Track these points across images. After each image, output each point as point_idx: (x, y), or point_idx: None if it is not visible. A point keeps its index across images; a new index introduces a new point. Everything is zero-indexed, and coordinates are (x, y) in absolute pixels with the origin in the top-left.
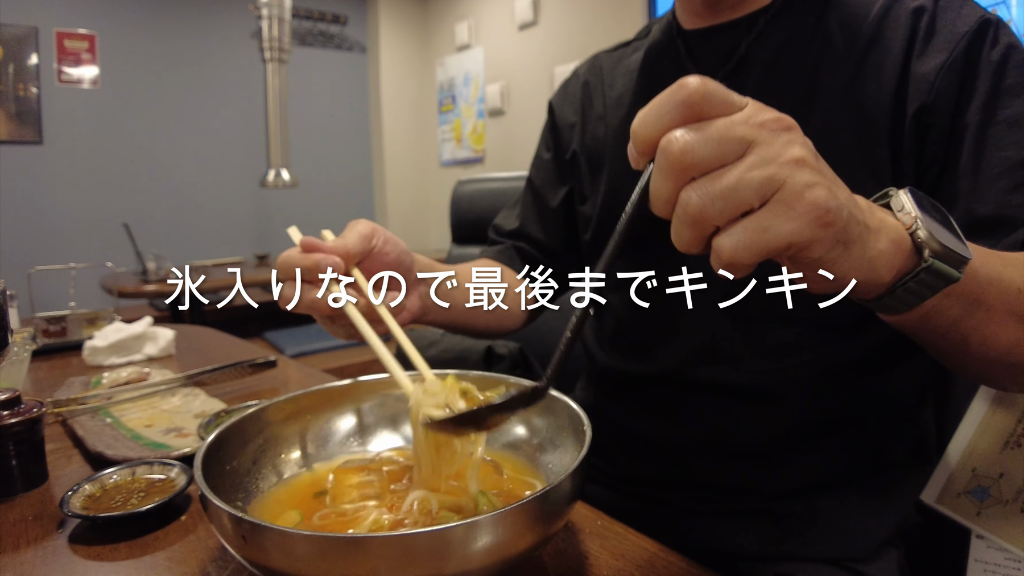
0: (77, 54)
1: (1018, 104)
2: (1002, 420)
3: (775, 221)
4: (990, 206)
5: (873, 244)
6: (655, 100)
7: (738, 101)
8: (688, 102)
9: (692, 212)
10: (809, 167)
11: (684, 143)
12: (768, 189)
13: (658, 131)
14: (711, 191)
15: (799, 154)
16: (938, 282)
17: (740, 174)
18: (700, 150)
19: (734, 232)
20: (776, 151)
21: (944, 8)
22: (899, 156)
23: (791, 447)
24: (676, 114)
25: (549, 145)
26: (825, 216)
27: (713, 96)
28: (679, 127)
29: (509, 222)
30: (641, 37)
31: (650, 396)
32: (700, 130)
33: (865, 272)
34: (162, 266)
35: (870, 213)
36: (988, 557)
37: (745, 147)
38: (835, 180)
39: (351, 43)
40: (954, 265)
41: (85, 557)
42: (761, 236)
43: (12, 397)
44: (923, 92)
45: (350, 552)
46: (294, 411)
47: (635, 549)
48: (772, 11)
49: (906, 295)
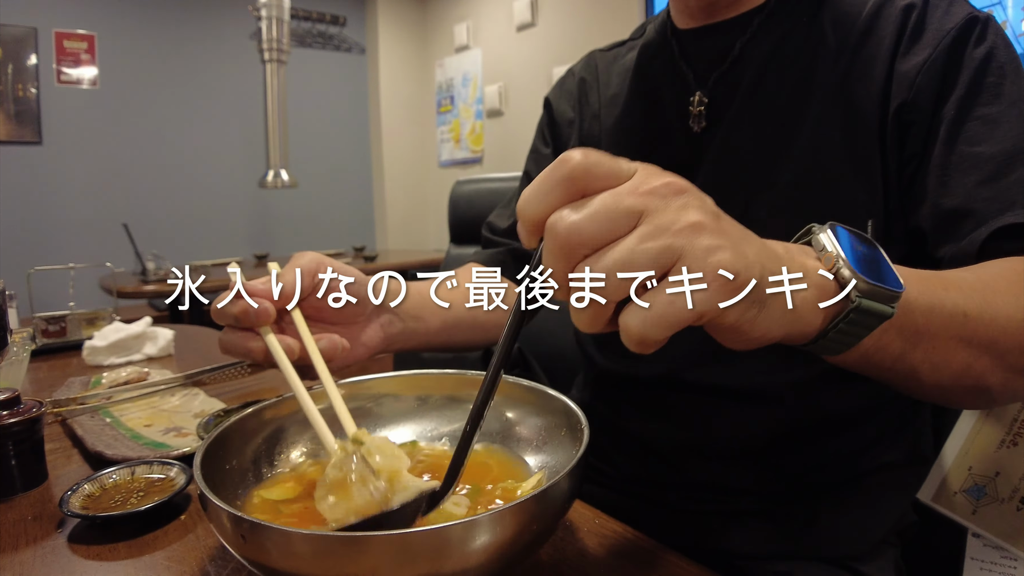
0: (76, 54)
1: (997, 104)
2: (998, 419)
3: (679, 292)
4: (957, 199)
5: (795, 293)
6: (538, 178)
7: (626, 170)
8: (571, 177)
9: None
10: (708, 231)
11: (570, 222)
12: (667, 259)
13: (543, 210)
14: (604, 267)
15: (695, 219)
16: (871, 320)
17: (632, 246)
18: (587, 227)
19: (639, 309)
20: (670, 218)
21: (934, 6)
22: (886, 154)
23: (787, 448)
24: (560, 191)
25: (547, 140)
26: (735, 280)
27: (596, 168)
28: (564, 204)
29: (503, 220)
30: (636, 36)
31: (646, 398)
32: (585, 207)
33: (788, 324)
34: (161, 266)
35: (789, 260)
36: (984, 555)
37: (636, 218)
38: (742, 237)
39: (350, 44)
40: (885, 301)
41: (84, 557)
42: (669, 310)
43: (11, 397)
44: (904, 89)
45: (349, 551)
46: (293, 411)
47: (633, 548)
48: (766, 11)
49: (840, 336)
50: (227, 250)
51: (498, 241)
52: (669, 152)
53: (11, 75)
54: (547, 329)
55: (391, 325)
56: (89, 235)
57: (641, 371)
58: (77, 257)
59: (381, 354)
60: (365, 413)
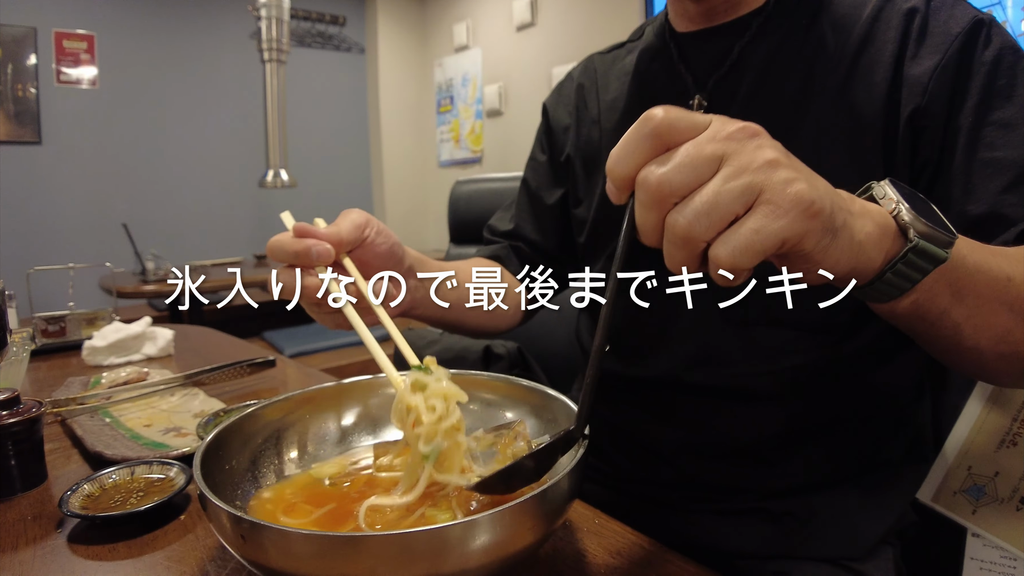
0: (76, 54)
1: (1009, 107)
2: (997, 419)
3: (765, 222)
4: (983, 206)
5: (860, 228)
6: (625, 137)
7: (702, 120)
8: (655, 133)
9: (680, 234)
10: (783, 166)
11: (660, 175)
12: (749, 195)
13: (633, 167)
14: (695, 210)
15: (771, 156)
16: (926, 263)
17: (718, 187)
18: (675, 178)
19: (728, 240)
20: (748, 158)
21: (936, 9)
22: (892, 159)
23: (786, 447)
24: (647, 147)
25: (544, 147)
26: (811, 207)
27: (678, 123)
28: (651, 159)
29: (504, 223)
30: (635, 39)
31: (646, 398)
32: (672, 159)
33: (855, 257)
34: (161, 266)
35: (851, 201)
36: (984, 555)
37: (717, 163)
38: (811, 174)
39: (350, 44)
40: (940, 245)
41: (84, 557)
42: (755, 238)
43: (11, 397)
44: (916, 95)
45: (349, 551)
46: (293, 411)
47: (632, 547)
48: (764, 14)
49: (896, 279)
50: (227, 250)
51: (500, 242)
52: None
53: (10, 75)
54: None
55: (416, 290)
56: (89, 235)
57: (641, 371)
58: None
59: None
60: (366, 412)
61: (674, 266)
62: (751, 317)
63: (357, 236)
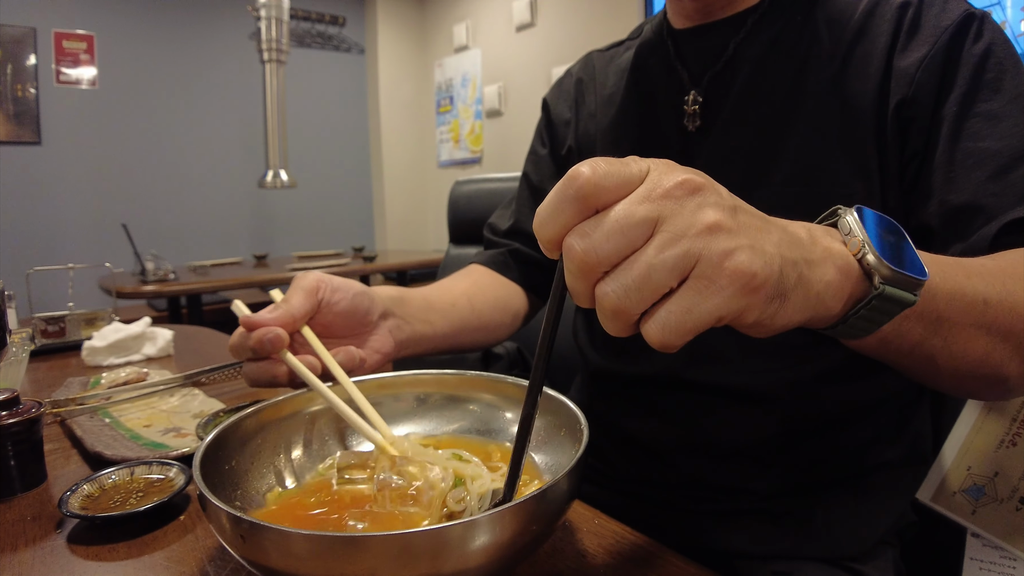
0: (75, 55)
1: (997, 99)
2: (997, 419)
3: (698, 300)
4: (965, 195)
5: (819, 278)
6: (549, 197)
7: (636, 174)
8: (580, 195)
9: (609, 307)
10: (724, 231)
11: (584, 244)
12: (685, 265)
13: (558, 231)
14: (624, 284)
15: (711, 219)
16: (893, 307)
17: (650, 259)
18: (603, 247)
19: (658, 317)
20: (685, 222)
21: (930, 3)
22: (884, 151)
23: (785, 447)
24: (573, 210)
25: (545, 141)
26: (751, 282)
27: (604, 181)
28: (578, 221)
29: (504, 220)
30: (634, 37)
31: (644, 397)
32: (600, 225)
33: (811, 310)
34: (161, 266)
35: (811, 245)
36: (984, 555)
37: (651, 226)
38: (761, 228)
39: (349, 44)
40: (908, 288)
41: (84, 557)
42: (688, 317)
43: (10, 397)
44: (904, 86)
45: (348, 551)
46: (293, 411)
47: (632, 547)
48: (760, 10)
49: (860, 322)
50: (226, 250)
51: (499, 242)
52: (663, 151)
53: (10, 75)
54: None
55: (399, 330)
56: (88, 235)
57: (639, 370)
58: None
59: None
60: None
61: (611, 331)
62: None
63: (311, 304)
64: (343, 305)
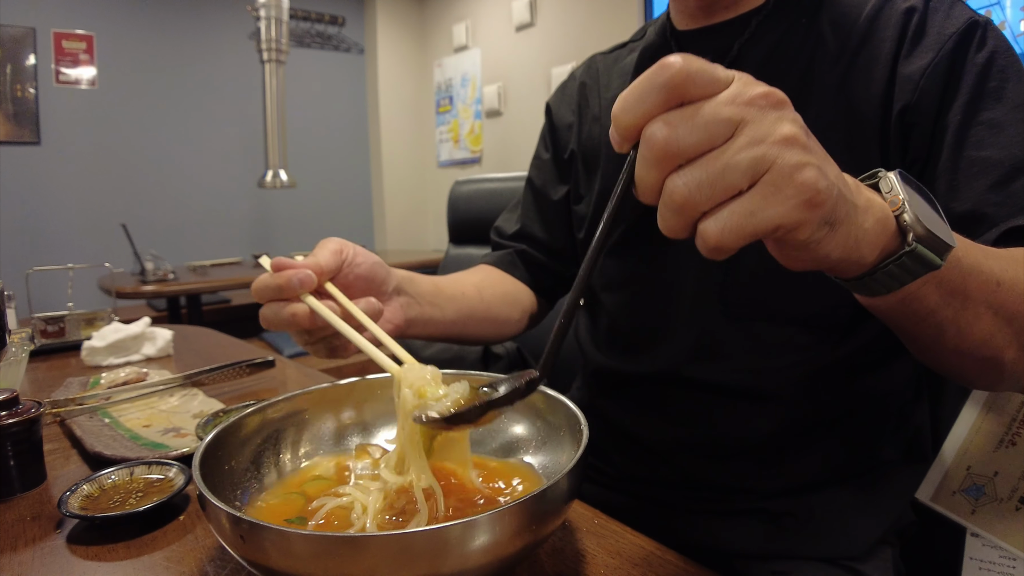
0: (75, 55)
1: (1000, 107)
2: (996, 419)
3: (763, 204)
4: (967, 203)
5: (860, 223)
6: (636, 83)
7: (723, 77)
8: (670, 84)
9: (678, 200)
10: (799, 146)
11: (668, 132)
12: (757, 170)
13: (640, 117)
14: (698, 178)
15: (789, 132)
16: (920, 267)
17: (728, 158)
18: (686, 138)
19: (720, 216)
20: (765, 130)
21: (934, 9)
22: (887, 156)
23: (785, 446)
24: (658, 98)
25: (548, 145)
26: (815, 198)
27: (697, 76)
28: (662, 112)
29: (510, 224)
30: (637, 39)
31: (644, 395)
32: (685, 116)
33: (848, 251)
34: (160, 266)
35: (858, 192)
36: (983, 555)
37: (733, 128)
38: (825, 157)
39: (349, 44)
40: (937, 252)
41: (83, 557)
42: (749, 220)
43: (10, 397)
44: (907, 92)
45: (348, 551)
46: (292, 411)
47: (632, 547)
48: (764, 12)
49: (886, 278)
50: (226, 250)
51: (507, 244)
52: None
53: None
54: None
55: (410, 307)
56: (88, 235)
57: (639, 368)
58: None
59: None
60: (365, 412)
61: (668, 230)
62: (746, 313)
63: (336, 262)
64: (363, 268)
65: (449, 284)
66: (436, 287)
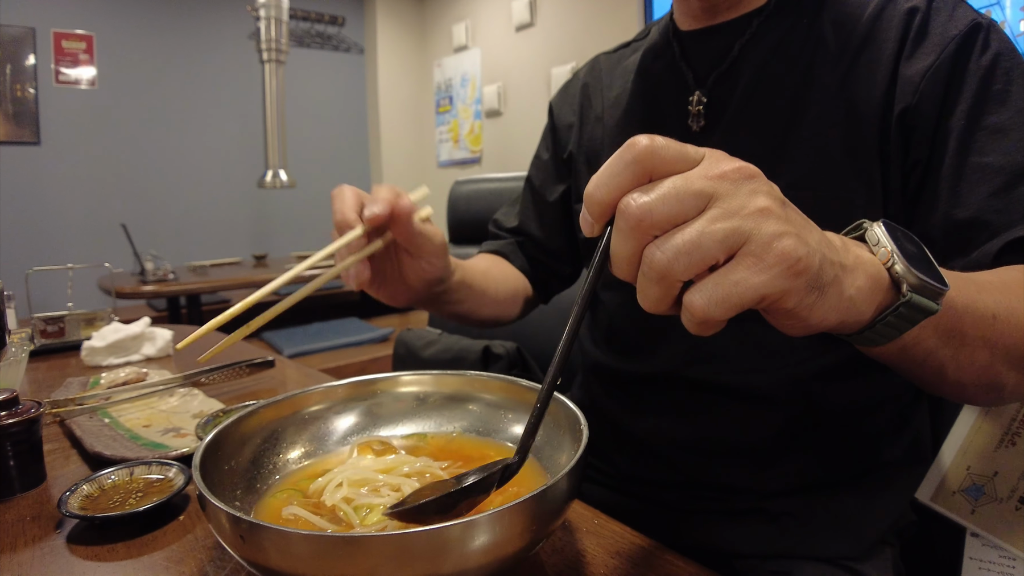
0: (75, 55)
1: (1003, 112)
2: (996, 419)
3: (745, 274)
4: (969, 210)
5: (851, 283)
6: (607, 163)
7: (693, 155)
8: (638, 160)
9: (657, 268)
10: (775, 216)
11: (642, 202)
12: (734, 242)
13: (614, 193)
14: (676, 246)
15: (763, 204)
16: (917, 315)
17: (703, 227)
18: (659, 209)
19: (705, 288)
20: (739, 202)
21: (937, 9)
22: (887, 159)
23: (786, 446)
24: (628, 175)
25: (548, 145)
26: (796, 265)
27: (664, 152)
28: (633, 187)
29: (509, 219)
30: (640, 38)
31: (645, 395)
32: (657, 188)
33: (844, 312)
34: (160, 266)
35: (845, 251)
36: (983, 555)
37: (705, 201)
38: (804, 224)
39: (349, 44)
40: (932, 297)
41: (83, 557)
42: (734, 290)
43: (10, 397)
44: (908, 94)
45: (348, 551)
46: (292, 411)
47: (632, 547)
48: (766, 12)
49: (885, 329)
50: (225, 250)
51: (505, 236)
52: None
53: (9, 75)
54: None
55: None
56: (87, 235)
57: (641, 369)
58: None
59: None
60: (365, 412)
61: (648, 304)
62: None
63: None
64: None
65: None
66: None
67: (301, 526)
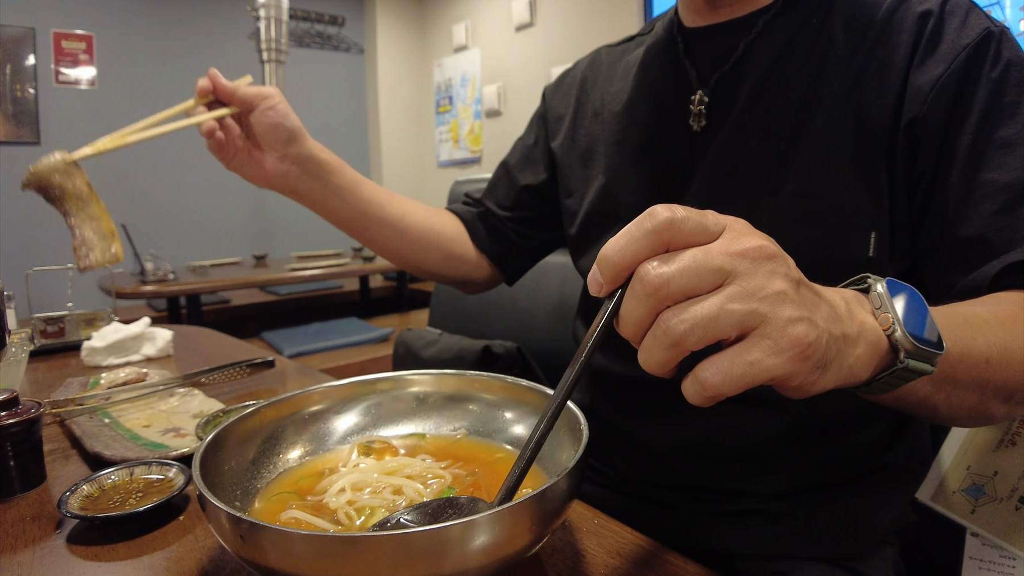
0: (74, 55)
1: (1012, 125)
2: None
3: (760, 356)
4: (972, 227)
5: (851, 352)
6: (626, 228)
7: (712, 227)
8: (657, 231)
9: (672, 335)
10: (791, 301)
11: (661, 272)
12: (750, 323)
13: (630, 260)
14: (692, 317)
15: (780, 287)
16: (912, 376)
17: (721, 304)
18: (677, 281)
19: (720, 365)
20: (758, 283)
21: (950, 14)
22: (894, 168)
23: (785, 449)
24: (647, 243)
25: (533, 130)
26: (807, 350)
27: (683, 224)
28: (650, 256)
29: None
30: (645, 33)
31: (645, 398)
32: (677, 260)
33: (843, 379)
34: (160, 267)
35: (849, 319)
36: (983, 555)
37: (724, 277)
38: (816, 304)
39: (348, 44)
40: (928, 360)
41: (83, 557)
42: (748, 371)
43: (10, 398)
44: (917, 104)
45: (348, 551)
46: (292, 411)
47: (632, 547)
48: (772, 11)
49: (880, 386)
50: (226, 250)
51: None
52: (668, 150)
53: (9, 75)
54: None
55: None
56: None
57: (640, 372)
58: None
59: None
60: (365, 412)
61: (651, 365)
62: None
63: (250, 101)
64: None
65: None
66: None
67: (301, 526)
